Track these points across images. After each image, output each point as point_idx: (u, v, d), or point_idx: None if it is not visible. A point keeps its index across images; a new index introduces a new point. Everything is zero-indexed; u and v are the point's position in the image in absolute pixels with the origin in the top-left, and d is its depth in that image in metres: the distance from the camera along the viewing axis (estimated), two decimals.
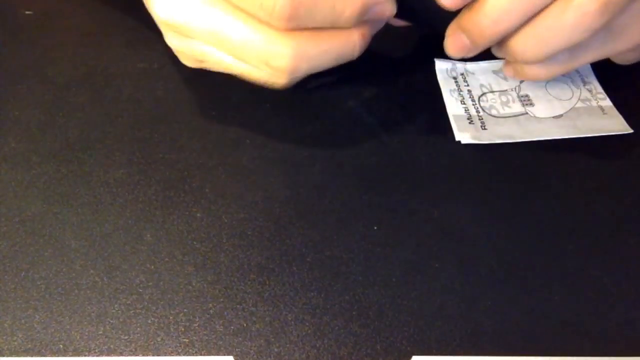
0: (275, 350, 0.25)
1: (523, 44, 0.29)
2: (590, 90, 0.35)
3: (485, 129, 0.32)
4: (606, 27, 0.28)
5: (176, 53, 0.32)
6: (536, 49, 0.29)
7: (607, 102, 0.34)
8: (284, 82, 0.30)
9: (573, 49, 0.29)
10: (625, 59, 0.33)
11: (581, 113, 0.33)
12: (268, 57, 0.28)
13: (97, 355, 0.24)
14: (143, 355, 0.24)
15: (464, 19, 0.29)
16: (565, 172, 0.31)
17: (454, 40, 0.30)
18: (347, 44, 0.29)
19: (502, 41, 0.30)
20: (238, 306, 0.26)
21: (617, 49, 0.31)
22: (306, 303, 0.26)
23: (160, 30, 0.31)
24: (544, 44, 0.29)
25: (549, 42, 0.28)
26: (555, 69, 0.31)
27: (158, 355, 0.24)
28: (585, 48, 0.30)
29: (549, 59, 0.30)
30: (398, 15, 0.30)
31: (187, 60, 0.32)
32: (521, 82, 0.35)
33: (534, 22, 0.28)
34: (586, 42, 0.29)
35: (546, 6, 0.27)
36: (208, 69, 0.32)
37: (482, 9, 0.28)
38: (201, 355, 0.24)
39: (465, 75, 0.36)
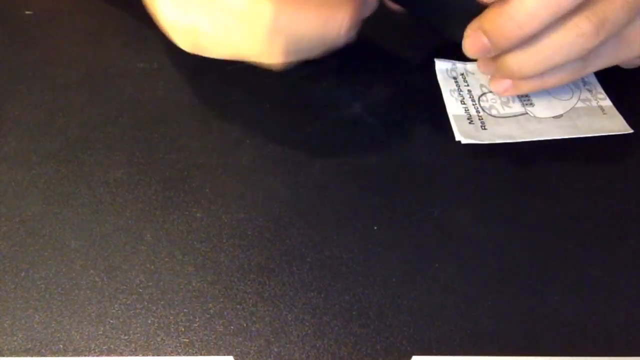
0: (275, 350, 0.24)
1: (520, 60, 0.29)
2: (590, 90, 0.35)
3: (485, 129, 0.32)
4: (615, 38, 0.29)
5: (172, 33, 0.31)
6: (532, 66, 0.29)
7: (607, 102, 0.34)
8: (274, 56, 0.29)
9: (585, 58, 0.30)
10: (632, 64, 0.33)
11: (581, 113, 0.33)
12: (249, 15, 0.28)
13: (97, 355, 0.24)
14: (143, 355, 0.24)
15: (487, 21, 0.29)
16: (565, 172, 0.31)
17: (473, 40, 0.30)
18: (333, 20, 0.29)
19: (496, 57, 0.30)
20: (238, 306, 0.26)
21: (626, 56, 0.31)
22: (306, 303, 0.26)
23: (160, 30, 0.31)
24: (541, 61, 0.29)
25: (546, 60, 0.29)
26: (567, 76, 0.31)
27: (158, 355, 0.24)
28: (596, 56, 0.30)
29: (543, 74, 0.30)
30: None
31: (183, 41, 0.31)
32: None
33: (532, 40, 0.28)
34: (597, 51, 0.29)
35: (570, 12, 0.27)
36: (202, 53, 0.31)
37: (508, 12, 0.28)
38: (201, 355, 0.24)
39: (465, 75, 0.36)
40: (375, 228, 0.28)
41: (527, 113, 0.33)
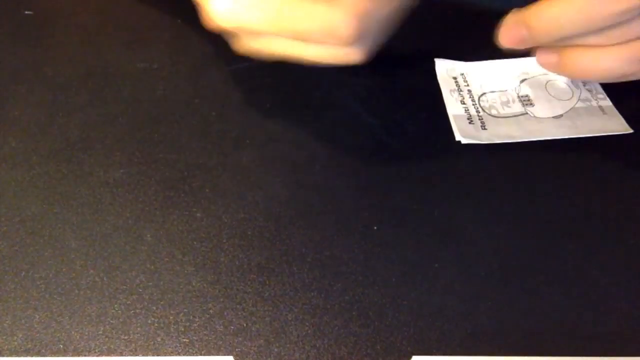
0: (275, 350, 0.24)
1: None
2: (590, 90, 0.35)
3: (485, 129, 0.32)
4: None
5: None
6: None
7: (607, 102, 0.34)
8: (357, 52, 0.30)
9: None
10: None
11: (581, 113, 0.33)
12: (331, 28, 0.28)
13: (97, 355, 0.24)
14: (143, 355, 0.24)
15: (529, 16, 0.29)
16: (565, 172, 0.31)
17: (513, 32, 0.30)
18: None
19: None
20: (238, 306, 0.26)
21: None
22: (306, 303, 0.26)
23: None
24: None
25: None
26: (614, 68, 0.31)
27: (158, 355, 0.24)
28: None
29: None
30: None
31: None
32: (521, 82, 0.35)
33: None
34: None
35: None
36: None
37: (555, 13, 0.28)
38: (201, 355, 0.24)
39: (465, 75, 0.36)
40: (375, 228, 0.28)
41: (527, 113, 0.33)
